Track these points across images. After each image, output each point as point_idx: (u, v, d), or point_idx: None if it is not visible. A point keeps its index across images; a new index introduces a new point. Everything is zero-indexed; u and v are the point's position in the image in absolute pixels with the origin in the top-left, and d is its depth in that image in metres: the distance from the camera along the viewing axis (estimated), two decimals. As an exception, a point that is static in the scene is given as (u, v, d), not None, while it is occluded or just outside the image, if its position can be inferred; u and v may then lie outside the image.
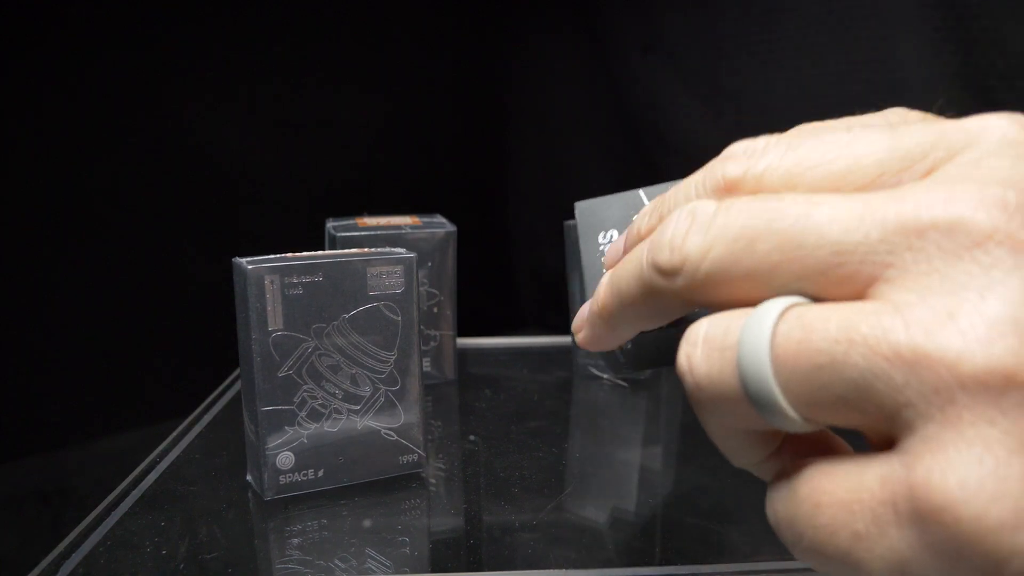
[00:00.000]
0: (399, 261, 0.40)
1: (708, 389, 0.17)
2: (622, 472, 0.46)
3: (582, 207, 0.27)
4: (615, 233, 0.26)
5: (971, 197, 0.14)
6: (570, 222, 0.62)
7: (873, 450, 0.16)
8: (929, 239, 0.14)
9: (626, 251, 0.22)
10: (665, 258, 0.18)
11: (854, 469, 0.15)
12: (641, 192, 0.26)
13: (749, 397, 0.16)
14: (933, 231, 0.14)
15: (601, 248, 0.26)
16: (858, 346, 0.14)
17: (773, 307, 0.16)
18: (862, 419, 0.15)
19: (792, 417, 0.15)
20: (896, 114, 0.27)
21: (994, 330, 0.13)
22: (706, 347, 0.17)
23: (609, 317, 0.21)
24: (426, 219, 0.58)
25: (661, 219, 0.20)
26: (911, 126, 0.17)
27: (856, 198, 0.15)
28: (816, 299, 0.16)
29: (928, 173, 0.16)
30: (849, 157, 0.17)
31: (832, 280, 0.15)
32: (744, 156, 0.18)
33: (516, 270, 1.30)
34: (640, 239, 0.22)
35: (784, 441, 0.19)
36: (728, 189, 0.18)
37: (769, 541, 0.37)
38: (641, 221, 0.22)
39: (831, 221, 0.15)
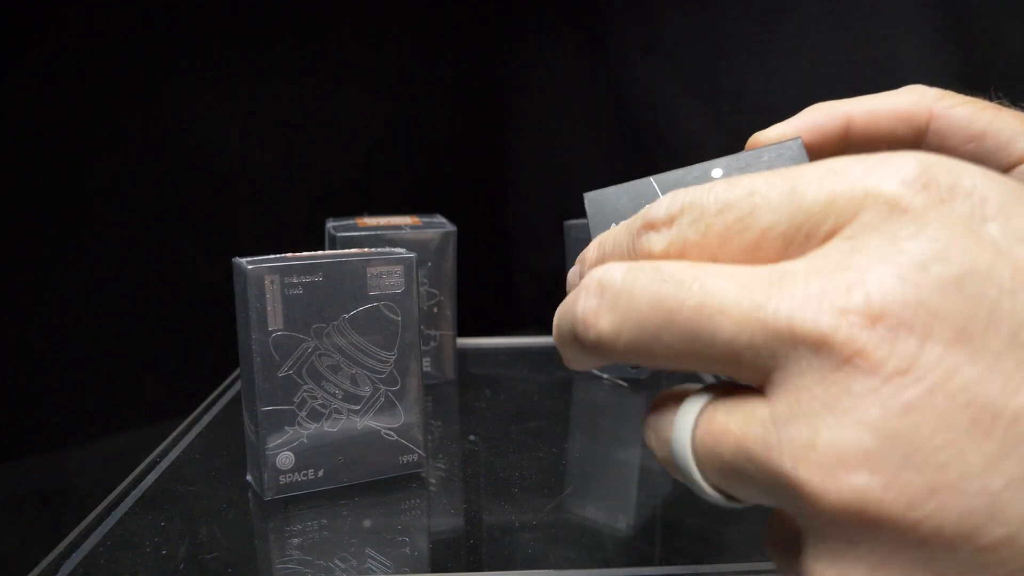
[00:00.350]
0: (399, 261, 0.40)
1: (669, 469, 0.19)
2: (622, 472, 0.46)
3: (591, 197, 0.26)
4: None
5: (836, 308, 0.14)
6: (570, 222, 0.62)
7: None
8: (800, 353, 0.15)
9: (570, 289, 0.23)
10: (581, 332, 0.19)
11: (792, 561, 0.17)
12: (652, 180, 0.25)
13: (687, 484, 0.18)
14: (803, 346, 0.15)
15: None
16: (752, 463, 0.16)
17: (689, 413, 0.18)
18: (773, 504, 0.17)
19: (723, 503, 0.18)
20: (915, 91, 0.26)
21: (847, 464, 0.14)
22: (654, 436, 0.19)
23: (563, 356, 0.22)
24: (426, 219, 0.58)
25: (602, 260, 0.21)
26: (809, 186, 0.16)
27: (748, 287, 0.16)
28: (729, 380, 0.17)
29: (824, 241, 0.16)
30: (755, 230, 0.17)
31: (733, 371, 0.16)
32: (665, 227, 0.18)
33: (516, 270, 1.30)
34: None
35: None
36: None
37: (769, 541, 0.37)
38: (588, 255, 0.22)
39: (722, 315, 0.16)
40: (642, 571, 0.33)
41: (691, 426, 0.17)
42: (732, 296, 0.16)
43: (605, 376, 0.61)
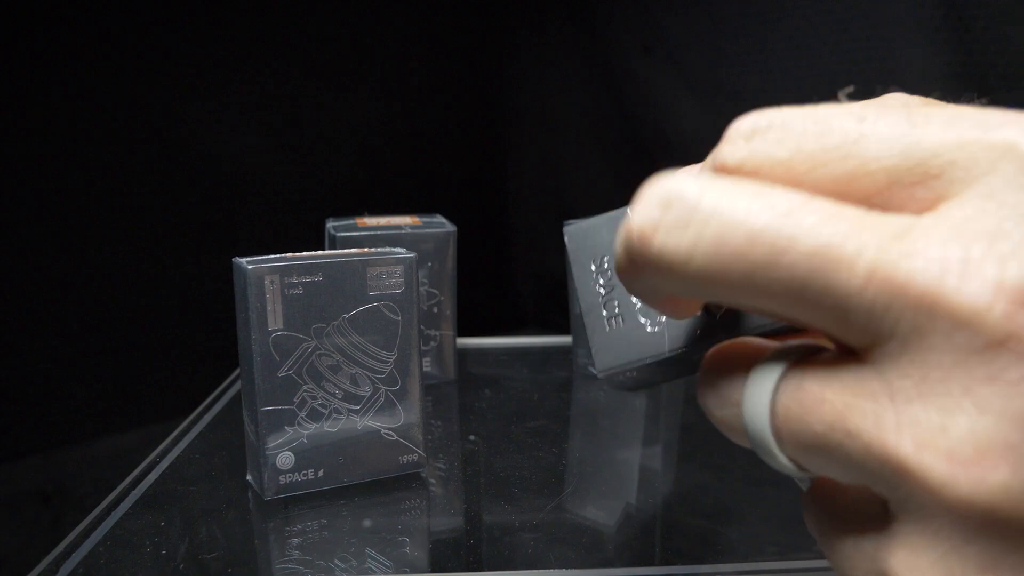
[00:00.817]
0: (399, 261, 0.40)
1: (723, 429, 0.17)
2: (622, 472, 0.46)
3: (571, 232, 0.26)
4: (607, 258, 0.25)
5: (990, 281, 0.13)
6: (570, 221, 0.62)
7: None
8: (938, 326, 0.13)
9: None
10: (635, 248, 0.16)
11: (873, 538, 0.16)
12: (630, 209, 0.25)
13: (754, 447, 0.16)
14: (943, 318, 0.13)
15: (595, 276, 0.25)
16: (853, 440, 0.14)
17: (770, 374, 0.16)
18: (860, 483, 0.15)
19: (796, 473, 0.16)
20: (896, 99, 0.24)
21: (986, 457, 0.13)
22: (715, 397, 0.17)
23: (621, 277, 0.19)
24: (426, 219, 0.58)
25: None
26: (930, 124, 0.15)
27: (877, 235, 0.14)
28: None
29: (942, 197, 0.14)
30: (858, 158, 0.15)
31: (836, 328, 0.14)
32: (744, 140, 0.16)
33: (516, 270, 1.30)
34: None
35: None
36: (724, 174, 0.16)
37: (769, 541, 0.37)
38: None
39: (841, 265, 0.14)
40: (642, 571, 0.33)
41: (771, 389, 0.15)
42: (856, 243, 0.14)
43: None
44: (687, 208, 0.15)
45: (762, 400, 0.16)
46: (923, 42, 0.74)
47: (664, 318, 0.23)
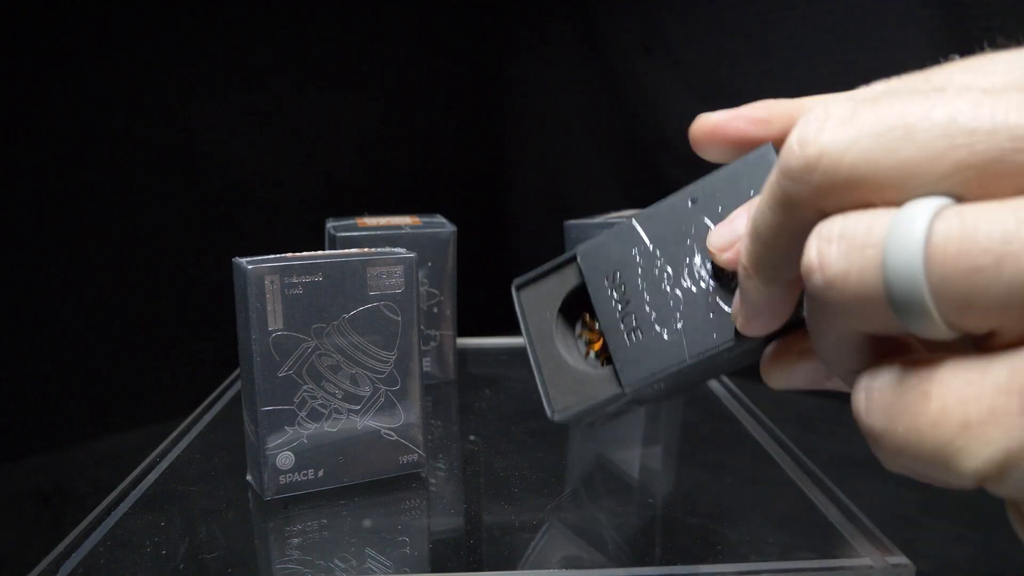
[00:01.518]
0: (399, 261, 0.40)
1: (841, 289, 0.15)
2: (622, 472, 0.46)
3: (583, 251, 0.26)
4: (619, 273, 0.25)
5: None
6: (570, 222, 0.62)
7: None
8: None
9: None
10: (795, 157, 0.16)
11: (975, 363, 0.14)
12: (634, 222, 0.25)
13: (891, 300, 0.14)
14: None
15: (610, 293, 0.26)
16: None
17: (926, 204, 0.14)
18: (1015, 324, 0.13)
19: (937, 323, 0.14)
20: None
21: None
22: (844, 244, 0.15)
23: (757, 267, 0.19)
24: (426, 219, 0.58)
25: None
26: None
27: None
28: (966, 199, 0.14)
29: None
30: None
31: (1001, 172, 0.13)
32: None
33: (516, 270, 1.30)
34: None
35: (896, 346, 0.17)
36: None
37: (769, 541, 0.37)
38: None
39: (1008, 110, 0.13)
40: (642, 571, 0.33)
41: (929, 218, 0.14)
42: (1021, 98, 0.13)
43: None
44: (847, 110, 0.15)
45: (917, 226, 0.14)
46: (923, 42, 0.74)
47: (680, 325, 0.23)
